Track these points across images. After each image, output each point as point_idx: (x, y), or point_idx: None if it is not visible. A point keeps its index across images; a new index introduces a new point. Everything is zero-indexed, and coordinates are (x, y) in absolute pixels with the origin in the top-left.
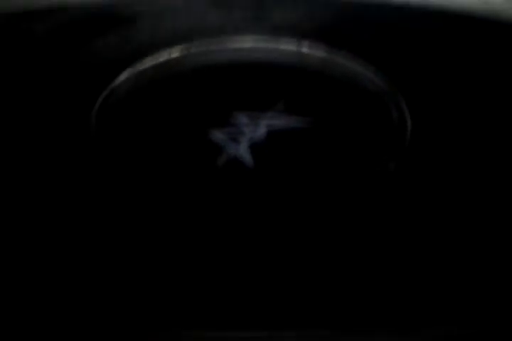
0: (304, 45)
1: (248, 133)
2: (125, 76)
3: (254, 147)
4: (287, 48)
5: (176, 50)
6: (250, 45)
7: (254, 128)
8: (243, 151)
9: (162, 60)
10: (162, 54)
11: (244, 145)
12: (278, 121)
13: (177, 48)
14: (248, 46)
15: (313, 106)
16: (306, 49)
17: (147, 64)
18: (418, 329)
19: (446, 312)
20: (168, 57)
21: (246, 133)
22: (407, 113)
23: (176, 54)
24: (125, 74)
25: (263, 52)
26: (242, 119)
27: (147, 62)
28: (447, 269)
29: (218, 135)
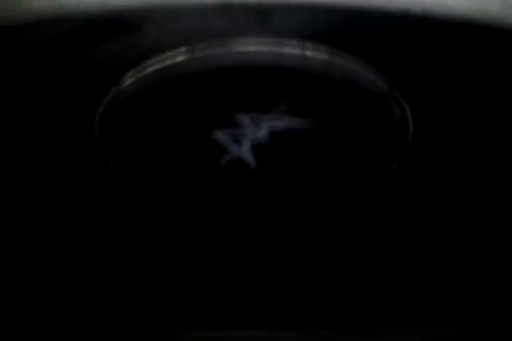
0: (307, 48)
1: (251, 134)
2: (129, 79)
3: (256, 148)
4: (289, 51)
5: (180, 54)
6: (252, 48)
7: (256, 129)
8: (246, 152)
9: (166, 63)
10: (166, 57)
11: (246, 146)
12: (280, 123)
13: (181, 52)
14: (250, 49)
15: (315, 107)
16: (309, 51)
17: (151, 67)
18: (418, 329)
19: (445, 312)
20: (172, 60)
21: (248, 134)
22: (409, 114)
23: (180, 57)
24: (129, 77)
25: (265, 54)
26: (245, 120)
27: (151, 65)
28: (448, 269)
29: (221, 136)
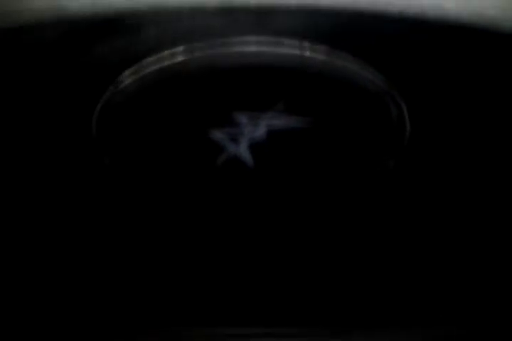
0: (305, 48)
1: (248, 133)
2: (127, 78)
3: (254, 146)
4: (288, 50)
5: (178, 53)
6: (251, 48)
7: (254, 128)
8: (243, 151)
9: (164, 62)
10: (164, 56)
11: (244, 144)
12: (278, 121)
13: (179, 51)
14: (248, 48)
15: (312, 106)
16: (307, 51)
17: (149, 66)
18: (418, 329)
19: (445, 312)
20: (170, 59)
21: (246, 133)
22: (406, 112)
23: (178, 57)
24: (127, 76)
25: (263, 54)
26: (243, 119)
27: (149, 64)
28: (447, 268)
29: (219, 135)
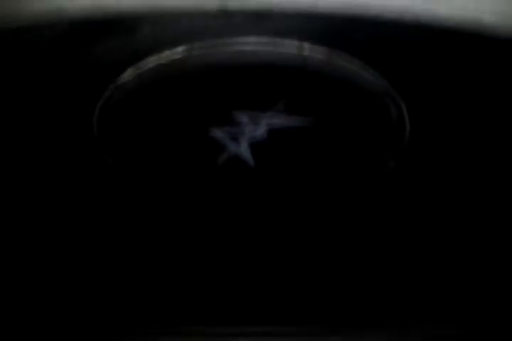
0: (305, 47)
1: (249, 132)
2: (128, 77)
3: (254, 146)
4: (288, 50)
5: (179, 52)
6: (251, 47)
7: (254, 127)
8: (244, 150)
9: (165, 61)
10: (165, 55)
11: (244, 144)
12: (278, 121)
13: (179, 50)
14: (249, 47)
15: (313, 106)
16: (307, 51)
17: (150, 65)
18: (418, 328)
19: (445, 312)
20: (170, 58)
21: (247, 132)
22: (406, 112)
23: (179, 55)
24: (128, 75)
25: (264, 53)
26: (243, 119)
27: (150, 63)
28: (447, 268)
29: (219, 134)
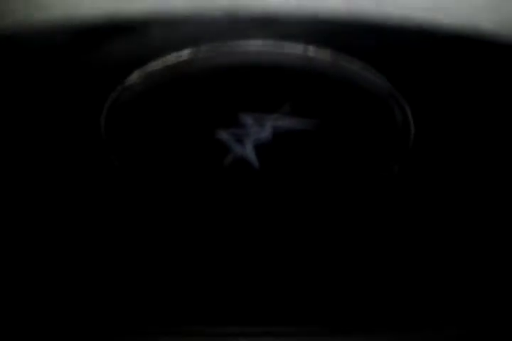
0: (310, 50)
1: (254, 134)
2: (134, 78)
3: (259, 147)
4: (294, 52)
5: (185, 54)
6: (257, 48)
7: (259, 129)
8: (249, 151)
9: (171, 63)
10: (171, 57)
11: (249, 145)
12: (283, 123)
13: (186, 53)
14: (255, 49)
15: (318, 108)
16: (312, 53)
17: (156, 67)
18: (418, 329)
19: (445, 312)
20: (177, 60)
21: (252, 134)
22: (411, 116)
23: (185, 57)
24: (134, 76)
25: (270, 55)
26: (248, 120)
27: (156, 65)
28: (448, 270)
29: (225, 135)
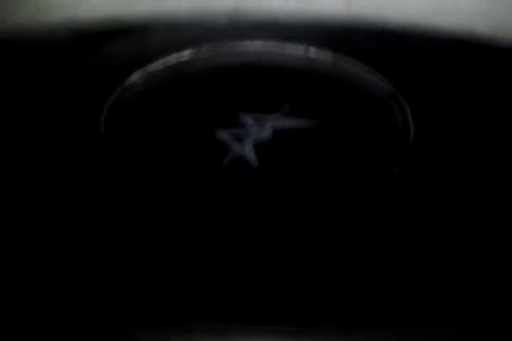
0: (311, 50)
1: (253, 133)
2: (135, 78)
3: (259, 147)
4: (294, 52)
5: (186, 54)
6: (258, 49)
7: (259, 129)
8: (248, 151)
9: (172, 63)
10: (172, 57)
11: (249, 145)
12: (283, 123)
13: (187, 54)
14: (256, 50)
15: (318, 109)
16: (313, 54)
17: (157, 67)
18: (417, 328)
19: (444, 311)
20: (177, 60)
21: (251, 133)
22: (411, 117)
23: (186, 57)
24: (135, 77)
25: (270, 55)
26: (248, 120)
27: (157, 65)
28: (448, 270)
29: (224, 135)
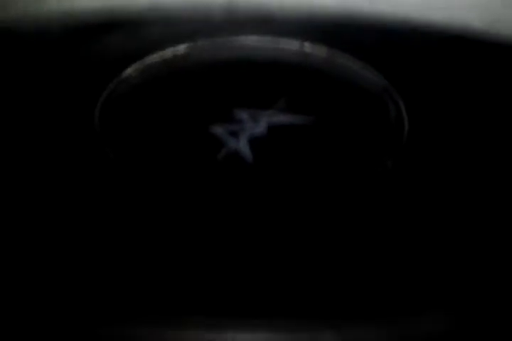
0: (306, 46)
1: (248, 128)
2: (130, 72)
3: (253, 142)
4: (289, 47)
5: (181, 48)
6: (253, 44)
7: (254, 124)
8: (243, 146)
9: (167, 57)
10: (167, 51)
11: (244, 140)
12: (278, 118)
13: (183, 48)
14: (251, 45)
15: (313, 104)
16: (308, 49)
17: (152, 61)
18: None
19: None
20: (173, 54)
21: (246, 128)
22: (405, 112)
23: (181, 52)
24: (130, 71)
25: (266, 50)
26: (243, 116)
27: (152, 59)
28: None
29: (219, 130)
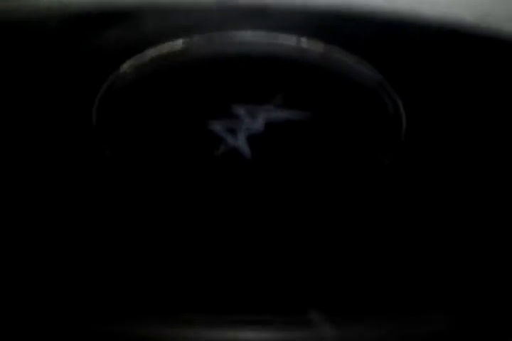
0: (303, 41)
1: (246, 124)
2: (127, 68)
3: (252, 138)
4: (286, 43)
5: (178, 43)
6: (250, 40)
7: (252, 120)
8: (241, 142)
9: (164, 52)
10: (164, 47)
11: (242, 136)
12: (276, 114)
13: (179, 43)
14: (248, 40)
15: (311, 100)
16: (305, 44)
17: (148, 57)
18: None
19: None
20: (169, 50)
21: (244, 124)
22: (402, 108)
23: (178, 47)
24: (127, 66)
25: (263, 46)
26: (241, 112)
27: (149, 54)
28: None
29: (217, 126)
